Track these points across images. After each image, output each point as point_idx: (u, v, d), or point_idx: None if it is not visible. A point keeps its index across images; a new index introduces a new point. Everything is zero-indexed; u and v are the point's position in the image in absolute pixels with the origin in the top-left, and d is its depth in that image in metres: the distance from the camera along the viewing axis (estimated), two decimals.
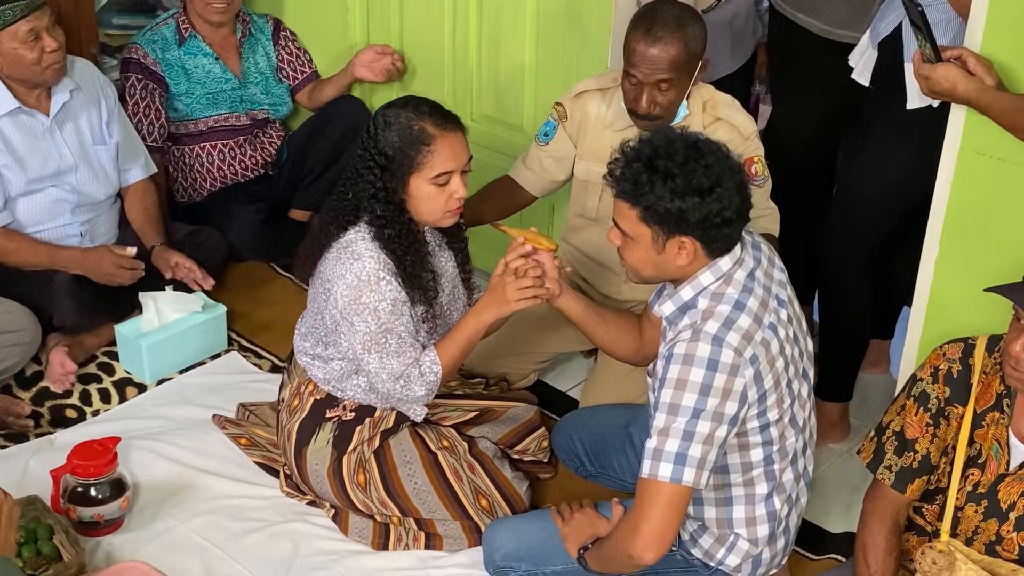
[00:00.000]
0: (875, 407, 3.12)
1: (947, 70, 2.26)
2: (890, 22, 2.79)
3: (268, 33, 3.85)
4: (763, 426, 2.20)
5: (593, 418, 2.82)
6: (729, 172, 2.10)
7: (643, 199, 2.10)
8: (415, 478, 2.60)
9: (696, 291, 2.17)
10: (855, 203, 2.90)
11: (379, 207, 2.43)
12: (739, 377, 2.09)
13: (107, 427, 2.94)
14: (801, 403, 2.29)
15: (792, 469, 2.29)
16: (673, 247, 2.14)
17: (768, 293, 2.20)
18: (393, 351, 2.44)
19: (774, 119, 3.44)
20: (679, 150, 2.09)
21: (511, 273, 2.43)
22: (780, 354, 2.18)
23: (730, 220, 2.10)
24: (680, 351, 2.11)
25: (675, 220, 2.10)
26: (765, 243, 2.32)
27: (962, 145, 2.38)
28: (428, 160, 2.40)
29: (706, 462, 2.09)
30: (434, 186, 2.42)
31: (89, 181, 3.25)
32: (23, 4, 2.96)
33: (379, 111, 2.47)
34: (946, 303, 2.50)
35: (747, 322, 2.12)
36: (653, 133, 2.18)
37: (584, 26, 3.17)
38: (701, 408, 2.07)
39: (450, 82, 3.60)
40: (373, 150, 2.43)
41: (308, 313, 2.63)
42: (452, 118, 2.46)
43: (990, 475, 2.16)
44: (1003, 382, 2.14)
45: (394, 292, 2.43)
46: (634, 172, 2.11)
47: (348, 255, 2.42)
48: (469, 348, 2.52)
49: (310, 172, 3.82)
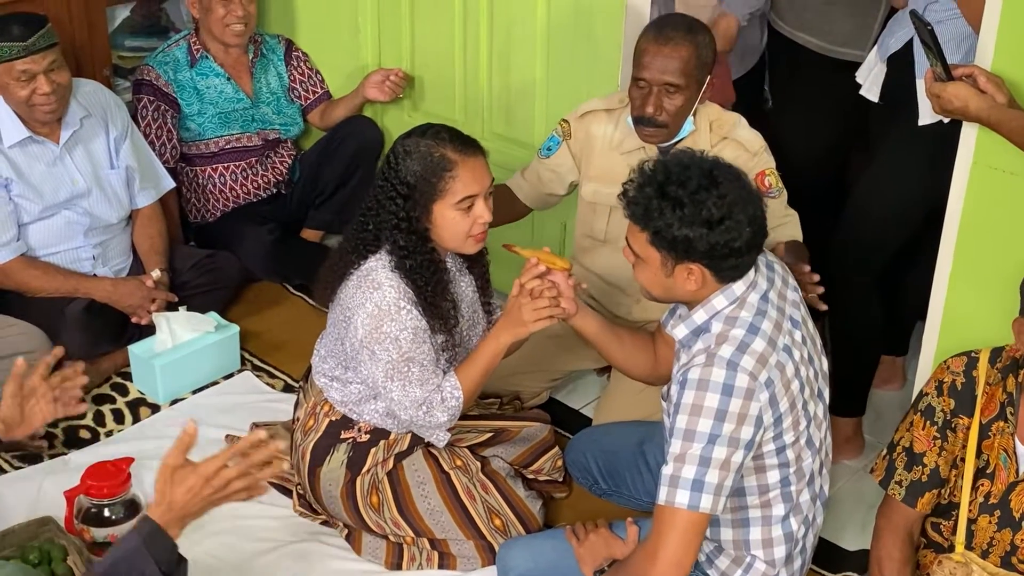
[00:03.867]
0: (890, 424, 3.09)
1: (958, 89, 2.26)
2: (900, 37, 2.79)
3: (280, 54, 3.87)
4: (779, 448, 2.18)
5: (606, 436, 2.81)
6: (743, 204, 2.08)
7: (652, 224, 2.10)
8: (428, 499, 2.60)
9: (710, 315, 2.16)
10: (865, 219, 2.90)
11: (402, 237, 2.42)
12: (754, 401, 2.08)
13: (121, 448, 2.94)
14: (817, 424, 2.27)
15: (809, 490, 2.28)
16: (682, 272, 2.14)
17: (782, 315, 2.19)
18: (416, 380, 2.44)
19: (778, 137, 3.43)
20: (693, 177, 2.07)
21: (526, 294, 2.43)
22: (795, 376, 2.17)
23: (739, 251, 2.09)
24: (695, 376, 2.10)
25: (683, 247, 2.09)
26: (779, 263, 2.31)
27: (975, 159, 2.38)
28: (451, 186, 2.40)
29: (723, 488, 2.08)
30: (458, 211, 2.42)
31: (102, 204, 3.27)
32: (20, 47, 2.98)
33: (398, 141, 2.47)
34: (960, 318, 2.50)
35: (761, 345, 2.11)
36: (672, 156, 2.16)
37: (594, 44, 3.18)
38: (717, 434, 2.06)
39: (461, 101, 3.61)
40: (394, 180, 2.42)
41: (327, 335, 2.62)
42: (472, 143, 2.45)
43: (1000, 485, 2.16)
44: (1006, 391, 2.14)
45: (414, 321, 2.43)
46: (645, 196, 2.10)
47: (368, 284, 2.42)
48: (489, 371, 2.52)
49: (322, 192, 3.84)
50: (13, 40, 2.98)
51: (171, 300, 3.31)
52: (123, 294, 3.25)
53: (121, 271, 3.38)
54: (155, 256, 3.39)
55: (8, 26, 2.99)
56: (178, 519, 1.90)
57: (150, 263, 3.37)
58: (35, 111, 3.08)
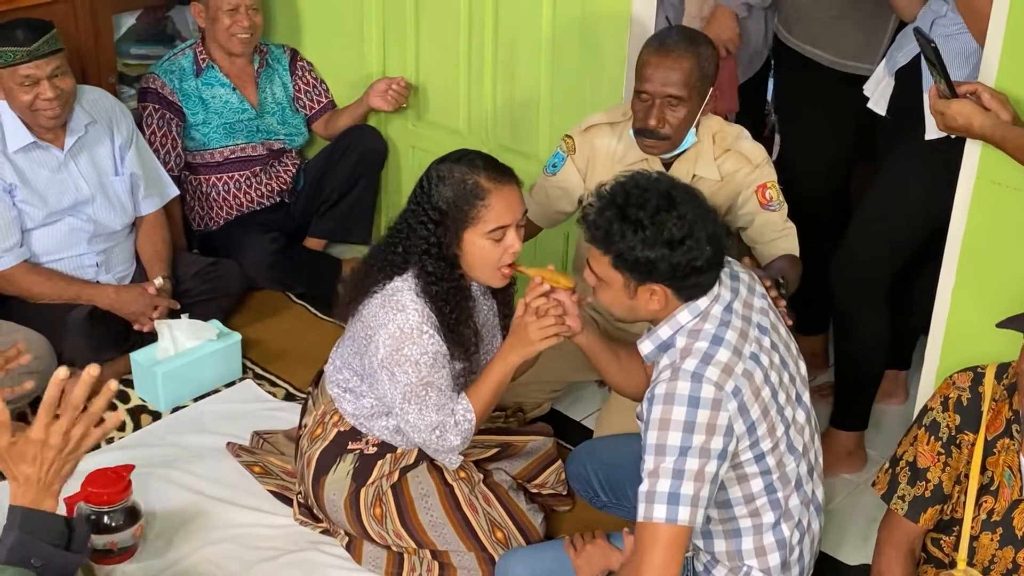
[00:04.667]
0: (892, 438, 3.09)
1: (962, 106, 2.26)
2: (908, 51, 2.80)
3: (285, 63, 3.87)
4: (758, 456, 2.19)
5: (607, 448, 2.81)
6: (702, 222, 2.10)
7: (614, 247, 2.12)
8: (431, 511, 2.59)
9: (674, 329, 2.18)
10: (869, 232, 2.90)
11: (430, 263, 2.41)
12: (722, 411, 2.09)
13: (121, 455, 2.93)
14: (798, 428, 2.27)
15: (798, 495, 2.28)
16: (644, 293, 2.16)
17: (748, 323, 2.20)
18: (433, 404, 2.43)
19: (784, 150, 3.44)
20: (652, 199, 2.10)
21: (532, 313, 2.42)
22: (765, 383, 2.17)
23: (700, 269, 2.11)
24: (660, 391, 2.11)
25: (645, 269, 2.11)
26: (746, 271, 2.32)
27: (978, 175, 2.38)
28: (483, 215, 2.39)
29: (699, 499, 2.08)
30: (489, 241, 2.41)
31: (105, 211, 3.28)
32: (24, 51, 2.99)
33: (432, 166, 2.46)
34: (963, 332, 2.49)
35: (726, 355, 2.12)
36: (629, 178, 2.17)
37: (599, 56, 3.18)
38: (688, 446, 2.07)
39: (465, 111, 3.62)
40: (427, 205, 2.42)
41: (345, 346, 2.60)
42: (506, 171, 2.44)
43: (1004, 502, 2.15)
44: (1012, 408, 2.14)
45: (436, 346, 2.42)
46: (606, 220, 2.12)
47: (392, 305, 2.41)
48: (500, 392, 2.51)
49: (326, 200, 3.84)
50: (17, 44, 2.99)
51: (173, 307, 3.31)
52: (126, 301, 3.25)
53: (124, 278, 3.38)
54: (158, 264, 3.39)
55: (13, 31, 3.01)
56: (43, 490, 1.79)
57: (153, 271, 3.38)
58: (38, 116, 3.08)
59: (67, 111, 3.14)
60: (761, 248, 2.79)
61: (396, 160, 3.90)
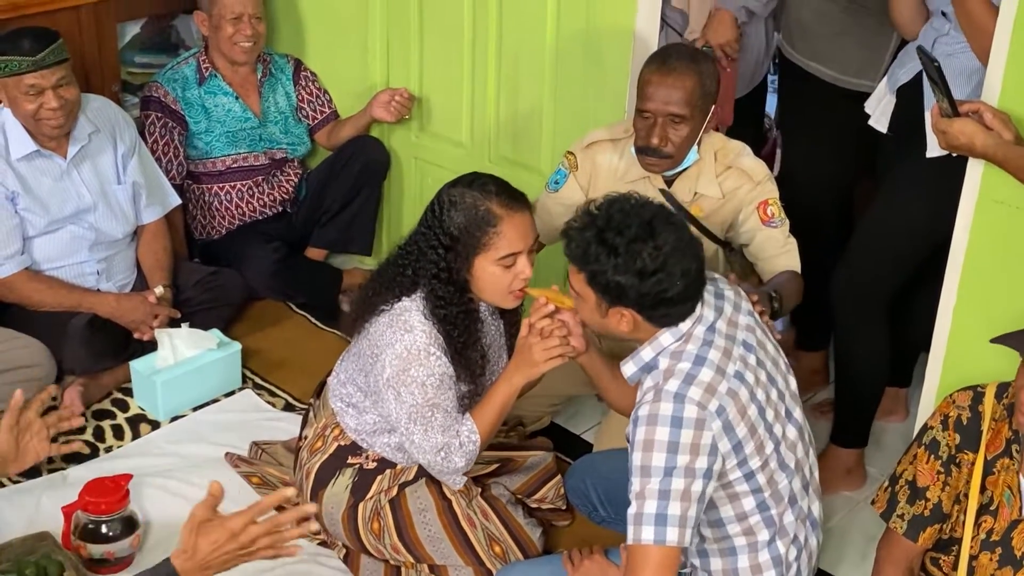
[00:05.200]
0: (892, 455, 3.08)
1: (964, 125, 2.26)
2: (909, 69, 2.80)
3: (289, 73, 3.88)
4: (747, 475, 2.18)
5: (607, 462, 2.80)
6: (679, 256, 2.10)
7: (588, 266, 2.14)
8: (429, 526, 2.58)
9: (656, 351, 2.18)
10: (870, 249, 2.89)
11: (440, 287, 2.41)
12: (706, 431, 2.09)
13: (120, 464, 2.94)
14: (789, 445, 2.27)
15: (792, 511, 2.27)
16: (615, 315, 2.17)
17: (732, 341, 2.20)
18: (438, 426, 2.43)
19: (786, 166, 3.44)
20: (632, 226, 2.10)
21: (537, 334, 2.42)
22: (752, 401, 2.17)
23: (670, 301, 2.12)
24: (644, 412, 2.11)
25: (615, 293, 2.13)
26: (732, 289, 2.31)
27: (981, 193, 2.38)
28: (494, 241, 2.38)
29: (687, 519, 2.08)
30: (499, 267, 2.40)
31: (107, 220, 3.28)
32: (30, 61, 2.99)
33: (444, 189, 2.45)
34: (964, 351, 2.49)
35: (709, 375, 2.12)
36: (617, 200, 2.18)
37: (602, 71, 3.18)
38: (672, 466, 2.07)
39: (468, 123, 3.62)
40: (438, 229, 2.41)
41: (350, 362, 2.60)
42: (519, 197, 2.44)
43: (1003, 522, 2.15)
44: (1012, 428, 2.13)
45: (442, 367, 2.41)
46: (585, 240, 2.13)
47: (400, 325, 2.41)
48: (504, 413, 2.50)
49: (327, 211, 3.84)
50: (23, 54, 2.99)
51: (174, 316, 3.31)
52: (126, 309, 3.25)
53: (125, 286, 3.38)
54: (159, 272, 3.39)
55: (19, 40, 3.01)
56: (198, 569, 1.88)
57: (154, 279, 3.38)
58: (42, 125, 3.08)
59: (71, 121, 3.14)
60: (762, 264, 2.79)
61: (398, 171, 3.90)
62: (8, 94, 3.06)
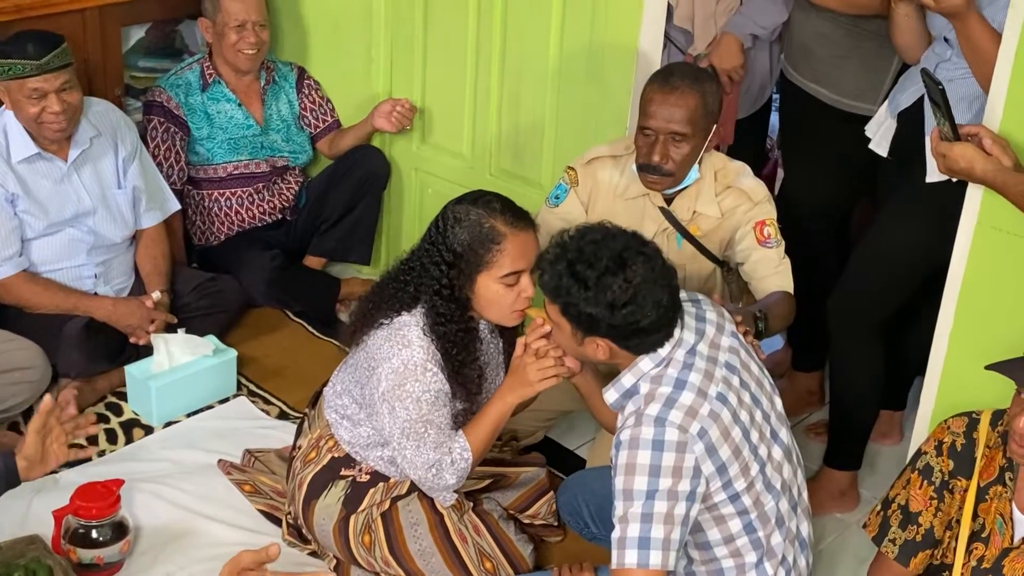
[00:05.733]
0: (885, 478, 3.08)
1: (964, 149, 2.26)
2: (911, 94, 2.80)
3: (292, 81, 3.88)
4: (732, 497, 2.18)
5: (599, 479, 2.79)
6: (650, 288, 2.10)
7: (560, 299, 2.15)
8: (420, 540, 2.58)
9: (637, 377, 2.19)
10: (867, 272, 2.89)
11: (441, 304, 2.41)
12: (688, 454, 2.09)
13: (112, 468, 2.93)
14: (775, 466, 2.27)
15: (780, 532, 2.27)
16: (591, 344, 2.19)
17: (714, 363, 2.20)
18: (431, 442, 2.42)
19: (786, 187, 3.44)
20: (602, 258, 2.11)
21: (531, 354, 2.42)
22: (735, 422, 2.17)
23: (643, 331, 2.13)
24: (625, 437, 2.12)
25: (588, 324, 2.14)
26: (715, 310, 2.32)
27: (979, 220, 2.38)
28: (498, 259, 2.39)
29: (670, 542, 2.08)
30: (502, 285, 2.41)
31: (107, 224, 3.28)
32: (34, 65, 2.99)
33: (449, 206, 2.45)
34: (959, 376, 2.49)
35: (690, 398, 2.13)
36: (587, 231, 2.18)
37: (605, 87, 3.19)
38: (654, 489, 2.08)
39: (469, 135, 3.62)
40: (441, 246, 2.41)
41: (346, 374, 2.59)
42: (523, 216, 2.44)
43: (994, 550, 2.14)
44: (1005, 456, 2.13)
45: (438, 384, 2.41)
46: (556, 273, 2.14)
47: (399, 339, 2.41)
48: (496, 432, 2.50)
49: (327, 219, 3.84)
50: (27, 58, 2.99)
51: (171, 321, 3.31)
52: (123, 314, 3.25)
53: (122, 291, 3.38)
54: (157, 277, 3.39)
55: (24, 43, 3.01)
56: None
57: (151, 284, 3.37)
58: (44, 129, 3.08)
59: (73, 125, 3.14)
60: (755, 284, 2.80)
61: (399, 181, 3.90)
62: (11, 97, 3.06)
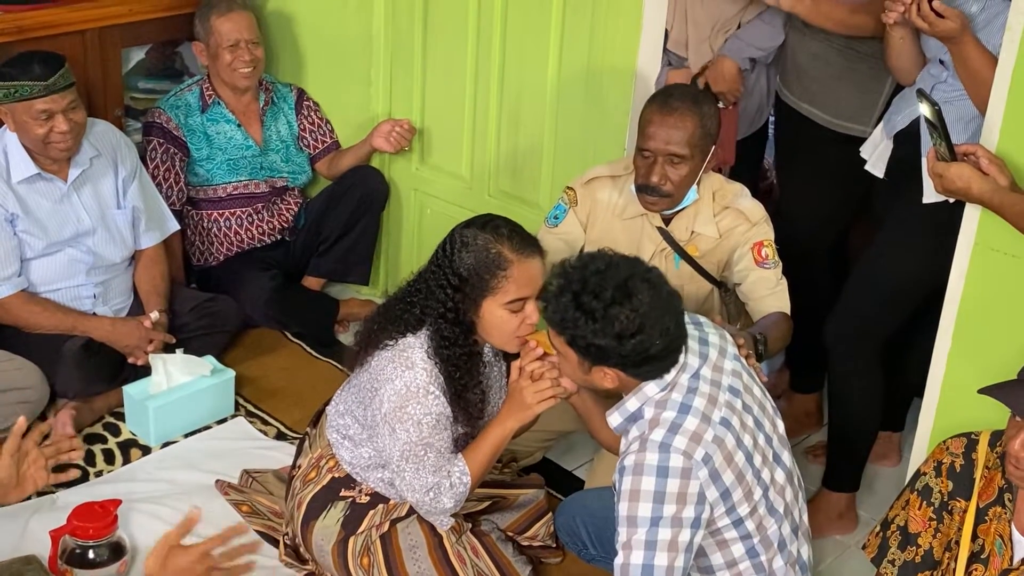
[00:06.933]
0: (884, 500, 3.07)
1: (961, 169, 2.27)
2: (907, 115, 2.81)
3: (291, 102, 3.89)
4: (736, 521, 2.18)
5: (597, 501, 2.78)
6: (657, 316, 2.10)
7: (567, 331, 2.14)
8: (419, 562, 2.57)
9: (641, 401, 2.19)
10: (866, 293, 2.89)
11: (446, 327, 2.41)
12: (693, 480, 2.09)
13: (110, 488, 2.92)
14: (777, 490, 2.26)
15: (781, 556, 2.27)
16: (598, 373, 2.18)
17: (718, 387, 2.20)
18: (430, 466, 2.42)
19: (781, 207, 3.46)
20: (608, 288, 2.10)
21: (527, 377, 2.42)
22: (738, 447, 2.17)
23: (652, 358, 2.12)
24: (629, 463, 2.12)
25: (596, 355, 2.14)
26: (717, 333, 2.31)
27: (976, 240, 2.39)
28: (503, 285, 2.38)
29: (674, 569, 2.07)
30: (507, 311, 2.40)
31: (106, 244, 3.28)
32: (42, 86, 3.00)
33: (456, 230, 2.45)
34: (957, 397, 2.49)
35: (694, 423, 2.12)
36: (590, 260, 2.17)
37: (603, 109, 3.20)
38: (659, 516, 2.07)
39: (468, 156, 3.63)
40: (447, 269, 2.41)
41: (349, 394, 2.59)
42: (531, 242, 2.43)
43: (994, 571, 2.14)
44: (1004, 476, 2.13)
45: (440, 407, 2.41)
46: (562, 305, 2.13)
47: (402, 361, 2.41)
48: (495, 457, 2.50)
49: (325, 240, 3.85)
50: (35, 79, 3.00)
51: (169, 341, 3.31)
52: (121, 334, 3.24)
53: (121, 311, 3.37)
54: (155, 297, 3.39)
55: (29, 65, 3.02)
56: None
57: (150, 304, 3.37)
58: (50, 149, 3.09)
59: (78, 144, 3.15)
60: (753, 304, 2.80)
61: (397, 202, 3.91)
62: (16, 119, 3.06)
